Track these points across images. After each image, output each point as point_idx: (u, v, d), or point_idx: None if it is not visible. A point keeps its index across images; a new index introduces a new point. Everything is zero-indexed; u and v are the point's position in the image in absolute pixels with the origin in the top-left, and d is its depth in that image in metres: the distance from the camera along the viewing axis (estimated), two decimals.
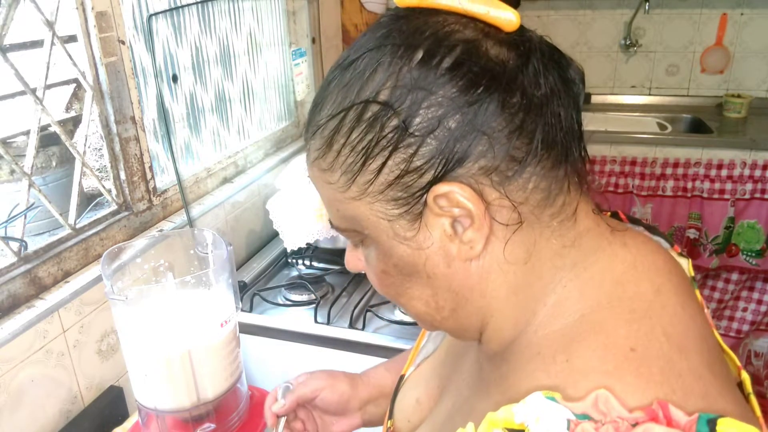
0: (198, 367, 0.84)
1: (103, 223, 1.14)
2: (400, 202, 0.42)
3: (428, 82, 0.40)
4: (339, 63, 0.45)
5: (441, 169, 0.40)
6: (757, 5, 2.40)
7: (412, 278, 0.45)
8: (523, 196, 0.41)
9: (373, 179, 0.42)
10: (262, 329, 1.27)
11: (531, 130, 0.40)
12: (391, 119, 0.40)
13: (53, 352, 0.98)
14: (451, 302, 0.46)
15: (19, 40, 1.03)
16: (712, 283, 2.30)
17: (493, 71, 0.40)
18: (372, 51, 0.42)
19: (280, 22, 1.85)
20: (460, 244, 0.42)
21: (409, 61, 0.40)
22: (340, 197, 0.44)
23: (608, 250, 0.44)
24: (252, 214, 1.62)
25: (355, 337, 1.20)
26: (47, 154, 1.25)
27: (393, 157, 0.41)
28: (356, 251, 0.50)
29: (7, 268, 0.95)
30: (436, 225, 0.42)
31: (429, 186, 0.41)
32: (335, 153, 0.43)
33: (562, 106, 0.41)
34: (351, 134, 0.42)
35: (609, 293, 0.42)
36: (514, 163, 0.40)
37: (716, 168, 2.15)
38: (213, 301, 0.87)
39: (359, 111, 0.41)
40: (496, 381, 0.46)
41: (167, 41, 1.36)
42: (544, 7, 2.62)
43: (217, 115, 1.56)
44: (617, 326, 0.40)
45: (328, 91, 0.44)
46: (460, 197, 0.40)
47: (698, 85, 2.57)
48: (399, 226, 0.43)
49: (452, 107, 0.39)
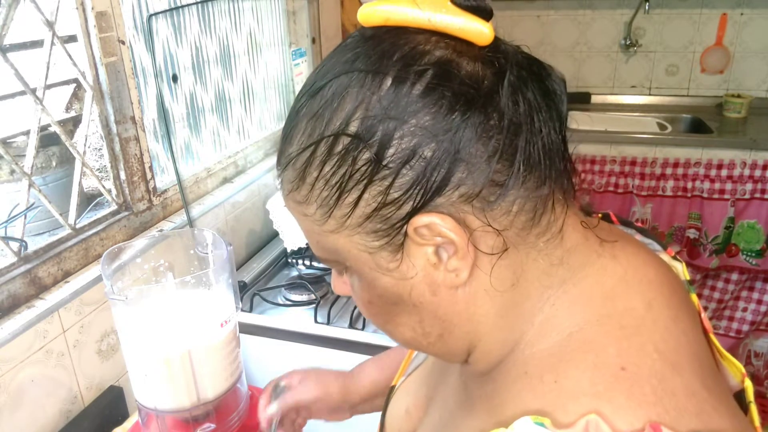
0: (198, 367, 0.84)
1: (103, 223, 1.14)
2: (379, 233, 0.40)
3: (399, 111, 0.38)
4: (306, 89, 0.43)
5: (420, 199, 0.38)
6: (757, 5, 2.40)
7: (398, 307, 0.44)
8: (507, 220, 0.40)
9: (350, 212, 0.40)
10: (262, 329, 1.27)
11: (511, 153, 0.38)
12: (363, 152, 0.38)
13: (53, 352, 0.98)
14: (438, 328, 0.45)
15: (19, 40, 1.03)
16: (712, 283, 2.30)
17: (468, 95, 0.38)
18: (339, 77, 0.40)
19: (280, 22, 1.85)
20: (445, 272, 0.41)
21: (378, 89, 0.38)
22: (318, 230, 0.43)
23: (597, 264, 0.43)
24: (252, 214, 1.62)
25: (355, 337, 1.20)
26: (47, 154, 1.25)
27: (368, 190, 0.39)
28: (342, 277, 0.49)
29: (7, 268, 0.95)
30: (419, 254, 0.41)
31: (408, 217, 0.39)
32: (309, 186, 0.41)
33: (543, 122, 0.40)
34: (323, 167, 0.40)
35: (598, 310, 0.41)
36: (496, 188, 0.39)
37: (716, 168, 2.15)
38: (213, 301, 0.87)
39: (329, 144, 0.40)
40: (482, 398, 0.45)
41: (167, 41, 1.36)
42: (543, 7, 2.62)
43: (217, 115, 1.56)
44: (607, 344, 0.38)
45: (296, 120, 0.42)
46: (441, 228, 0.39)
47: (698, 85, 2.57)
48: (381, 257, 0.42)
49: (427, 136, 0.37)
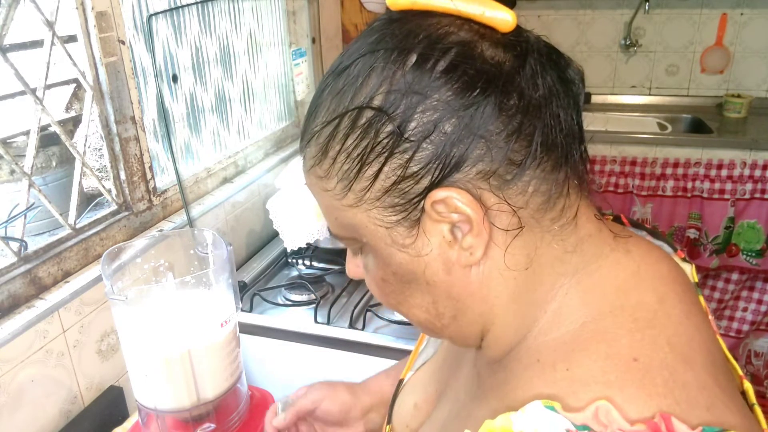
0: (198, 367, 0.84)
1: (103, 223, 1.14)
2: (397, 208, 0.41)
3: (423, 86, 0.39)
4: (332, 70, 0.44)
5: (438, 174, 0.39)
6: (757, 5, 2.40)
7: (411, 286, 0.45)
8: (522, 200, 0.40)
9: (369, 186, 0.41)
10: (262, 329, 1.27)
11: (529, 133, 0.39)
12: (386, 125, 0.39)
13: (53, 352, 0.98)
14: (452, 309, 0.45)
15: (19, 40, 1.03)
16: (712, 283, 2.30)
17: (489, 73, 0.39)
18: (365, 56, 0.41)
19: (280, 22, 1.85)
20: (459, 250, 0.41)
21: (403, 65, 0.39)
22: (337, 205, 0.44)
23: (611, 257, 0.43)
24: (252, 214, 1.62)
25: (355, 337, 1.20)
26: (47, 154, 1.24)
27: (389, 163, 0.40)
28: (356, 259, 0.50)
29: (7, 268, 0.95)
30: (434, 231, 0.41)
31: (426, 192, 0.40)
32: (331, 160, 0.42)
33: (561, 107, 0.41)
34: (346, 141, 0.41)
35: (611, 301, 0.41)
36: (513, 167, 0.39)
37: (716, 168, 2.15)
38: (213, 301, 0.87)
39: (353, 117, 0.41)
40: (494, 387, 0.45)
41: (167, 41, 1.36)
42: (544, 6, 2.62)
43: (217, 115, 1.56)
44: (619, 335, 0.39)
45: (321, 99, 0.44)
46: (458, 203, 0.39)
47: (698, 85, 2.57)
48: (397, 233, 0.42)
49: (448, 111, 0.38)
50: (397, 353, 1.15)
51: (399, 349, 1.15)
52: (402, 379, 0.67)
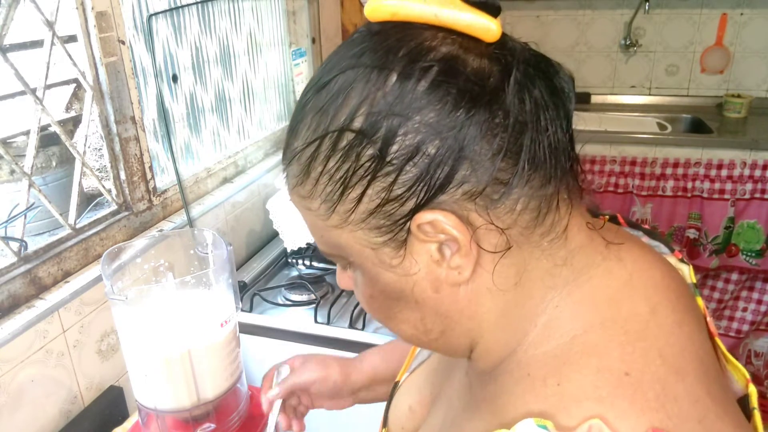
0: (198, 367, 0.84)
1: (103, 223, 1.14)
2: (383, 230, 0.40)
3: (404, 107, 0.38)
4: (313, 83, 0.43)
5: (423, 196, 0.38)
6: (757, 5, 2.40)
7: (399, 303, 0.44)
8: (511, 219, 0.40)
9: (353, 208, 0.40)
10: (262, 329, 1.27)
11: (516, 151, 0.38)
12: (367, 148, 0.38)
13: (53, 352, 0.98)
14: (440, 325, 0.45)
15: (19, 40, 1.03)
16: (712, 283, 2.30)
17: (473, 92, 0.38)
18: (345, 72, 0.40)
19: (280, 22, 1.85)
20: (447, 269, 0.41)
21: (383, 84, 0.38)
22: (322, 225, 0.43)
23: (602, 266, 0.43)
24: (252, 214, 1.62)
25: (355, 337, 1.20)
26: (47, 154, 1.24)
27: (372, 186, 0.39)
28: (345, 272, 0.49)
29: (7, 268, 0.95)
30: (422, 251, 0.41)
31: (411, 214, 0.39)
32: (313, 181, 0.42)
33: (550, 120, 0.39)
34: (328, 162, 0.40)
35: (602, 313, 0.40)
36: (499, 186, 0.39)
37: (716, 168, 2.15)
38: (213, 301, 0.87)
39: (334, 139, 0.40)
40: (485, 400, 0.45)
41: (167, 41, 1.36)
42: (543, 7, 2.62)
43: (217, 115, 1.56)
44: (610, 348, 0.38)
45: (303, 114, 0.42)
46: (444, 225, 0.39)
47: (698, 85, 2.57)
48: (383, 253, 0.42)
49: (431, 133, 0.37)
50: None
51: None
52: (398, 381, 0.67)
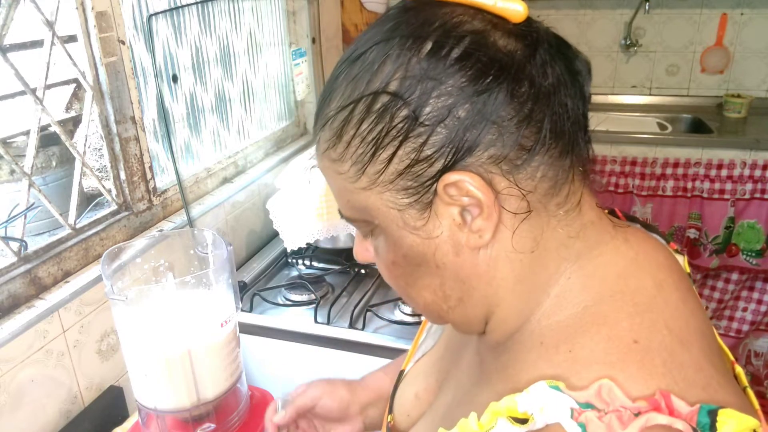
0: (198, 367, 0.84)
1: (103, 223, 1.14)
2: (410, 191, 0.42)
3: (437, 73, 0.40)
4: (346, 57, 0.45)
5: (451, 158, 0.40)
6: (757, 5, 2.40)
7: (421, 268, 0.45)
8: (531, 185, 0.42)
9: (383, 169, 0.42)
10: (262, 329, 1.27)
11: (539, 119, 0.40)
12: (401, 109, 0.40)
13: (53, 352, 0.98)
14: (459, 291, 0.46)
15: (19, 40, 1.03)
16: (712, 283, 2.30)
17: (502, 61, 0.40)
18: (380, 44, 0.42)
19: (280, 22, 1.85)
20: (469, 232, 0.42)
21: (418, 52, 0.40)
22: (351, 187, 0.45)
23: (611, 244, 0.45)
24: (252, 214, 1.62)
25: (355, 337, 1.20)
26: (47, 154, 1.24)
27: (403, 146, 0.41)
28: (365, 242, 0.51)
29: (7, 268, 0.95)
30: (445, 214, 0.42)
31: (439, 175, 0.41)
32: (345, 144, 0.43)
33: (569, 96, 0.42)
34: (361, 125, 0.42)
35: (612, 286, 0.42)
36: (523, 152, 0.41)
37: (716, 168, 2.14)
38: (213, 301, 0.87)
39: (368, 102, 0.42)
40: (498, 370, 0.46)
41: (167, 41, 1.36)
42: (544, 6, 2.62)
43: (217, 115, 1.56)
44: (620, 319, 0.40)
45: (336, 84, 0.44)
46: (470, 186, 0.40)
47: (698, 85, 2.57)
48: (409, 215, 0.43)
49: (462, 97, 0.39)
50: (397, 353, 1.15)
51: (399, 349, 1.15)
52: (402, 371, 0.68)
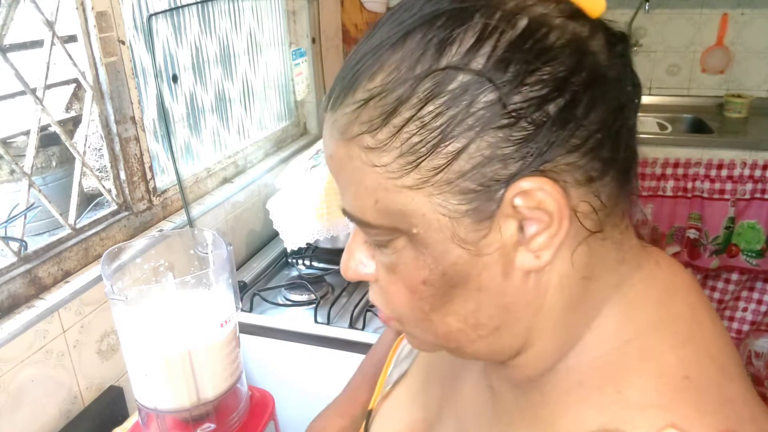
0: (198, 367, 0.84)
1: (103, 223, 1.14)
2: (470, 196, 0.35)
3: (534, 54, 0.33)
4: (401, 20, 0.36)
5: (531, 160, 0.34)
6: (758, 5, 2.40)
7: (456, 290, 0.38)
8: (598, 202, 0.37)
9: (444, 166, 0.34)
10: (262, 329, 1.27)
11: (619, 127, 0.37)
12: (486, 93, 0.33)
13: (53, 352, 0.98)
14: (497, 320, 0.39)
15: (19, 40, 1.03)
16: (712, 283, 2.30)
17: (599, 59, 0.36)
18: (455, 10, 0.35)
19: (280, 22, 1.85)
20: (525, 251, 0.36)
21: (513, 27, 0.34)
22: (388, 184, 0.36)
23: (646, 267, 0.40)
24: (252, 214, 1.62)
25: (355, 337, 1.20)
26: (47, 154, 1.24)
27: (478, 140, 0.34)
28: (368, 255, 0.42)
29: (7, 268, 0.95)
30: (504, 227, 0.35)
31: (511, 179, 0.34)
32: (394, 129, 0.35)
33: (634, 111, 0.39)
34: (424, 107, 0.34)
35: (652, 316, 0.38)
36: (599, 163, 0.36)
37: (716, 168, 2.14)
38: (213, 301, 0.87)
39: (440, 79, 0.34)
40: (522, 410, 0.41)
41: (167, 41, 1.36)
42: None
43: (217, 115, 1.56)
44: (665, 352, 0.37)
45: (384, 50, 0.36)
46: (545, 196, 0.34)
47: (699, 85, 2.57)
48: (462, 225, 0.35)
49: (556, 89, 0.34)
50: None
51: None
52: (371, 410, 0.59)
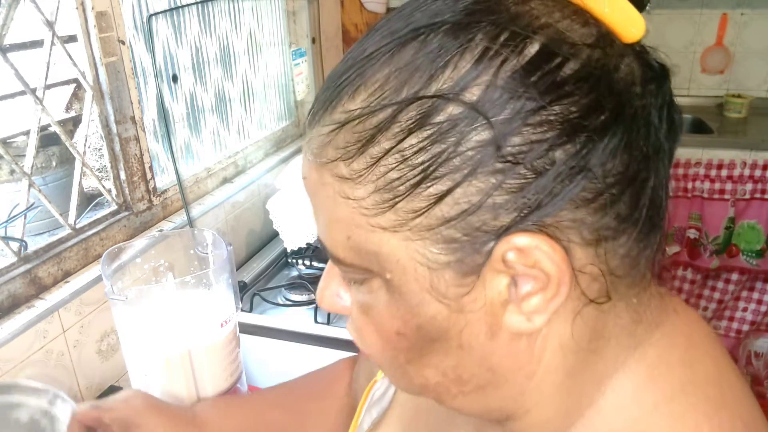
0: (198, 367, 0.84)
1: (103, 223, 1.14)
2: (453, 246, 0.30)
3: (543, 89, 0.28)
4: (393, 28, 0.31)
5: (527, 213, 0.29)
6: (758, 5, 2.40)
7: (434, 345, 0.33)
8: (613, 263, 0.31)
9: (425, 209, 0.30)
10: (262, 329, 1.27)
11: (644, 180, 0.30)
12: (479, 131, 0.28)
13: (53, 352, 0.98)
14: (481, 379, 0.34)
15: (19, 40, 1.03)
16: (712, 283, 2.30)
17: (622, 96, 0.29)
18: (455, 25, 0.29)
19: (280, 22, 1.85)
20: (515, 312, 0.31)
21: (520, 53, 0.28)
22: (362, 221, 0.32)
23: (667, 323, 0.36)
24: (252, 214, 1.62)
25: None
26: (47, 154, 1.24)
27: (466, 184, 0.29)
28: (343, 285, 0.38)
29: (7, 268, 0.95)
30: (491, 284, 0.31)
31: (503, 232, 0.29)
32: (372, 159, 0.30)
33: (668, 160, 0.32)
34: (406, 138, 0.29)
35: (680, 377, 0.34)
36: (614, 221, 0.30)
37: (716, 168, 2.15)
38: (213, 301, 0.87)
39: (427, 108, 0.29)
40: None
41: (167, 41, 1.36)
42: None
43: (217, 115, 1.56)
44: (700, 421, 0.32)
45: (370, 66, 0.31)
46: (542, 256, 0.29)
47: (698, 85, 2.57)
48: (442, 277, 0.31)
49: (566, 132, 0.28)
50: None
51: None
52: None
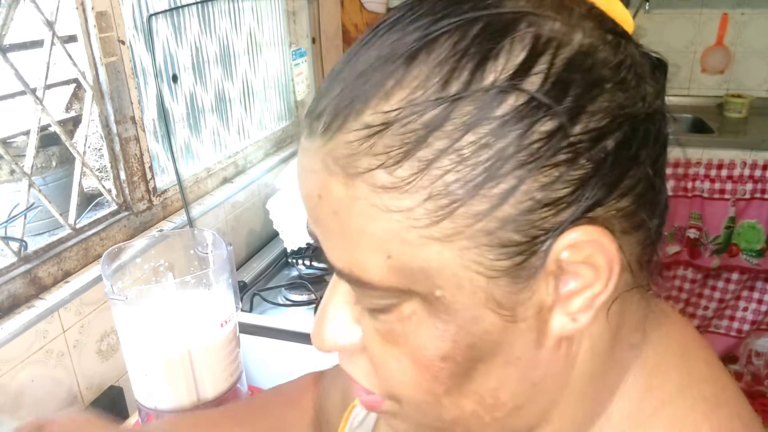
0: (198, 367, 0.84)
1: (103, 223, 1.14)
2: (512, 249, 0.27)
3: (595, 78, 0.27)
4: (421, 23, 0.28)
5: (588, 206, 0.27)
6: (758, 5, 2.40)
7: (481, 365, 0.30)
8: (636, 255, 0.31)
9: (486, 212, 0.27)
10: (262, 329, 1.27)
11: (663, 167, 0.32)
12: (544, 122, 0.26)
13: (53, 352, 0.98)
14: (521, 397, 0.32)
15: (19, 40, 1.03)
16: (713, 283, 2.30)
17: (657, 85, 0.31)
18: (498, 14, 0.27)
19: (280, 22, 1.85)
20: (561, 314, 0.29)
21: (569, 41, 0.27)
22: (410, 235, 0.28)
23: (665, 323, 0.36)
24: (252, 214, 1.62)
25: None
26: (47, 154, 1.24)
27: (530, 179, 0.26)
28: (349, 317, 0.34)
29: (7, 268, 0.95)
30: (541, 286, 0.29)
31: (562, 228, 0.27)
32: (422, 164, 0.27)
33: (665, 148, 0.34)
34: (464, 136, 0.26)
35: (678, 380, 0.34)
36: (649, 208, 0.31)
37: (716, 168, 2.14)
38: (213, 301, 0.87)
39: (485, 102, 0.26)
40: None
41: (167, 41, 1.36)
42: None
43: (217, 115, 1.56)
44: (698, 422, 0.32)
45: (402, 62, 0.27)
46: (595, 250, 0.28)
47: (699, 85, 2.57)
48: (498, 287, 0.28)
49: (617, 120, 0.27)
50: None
51: None
52: None
